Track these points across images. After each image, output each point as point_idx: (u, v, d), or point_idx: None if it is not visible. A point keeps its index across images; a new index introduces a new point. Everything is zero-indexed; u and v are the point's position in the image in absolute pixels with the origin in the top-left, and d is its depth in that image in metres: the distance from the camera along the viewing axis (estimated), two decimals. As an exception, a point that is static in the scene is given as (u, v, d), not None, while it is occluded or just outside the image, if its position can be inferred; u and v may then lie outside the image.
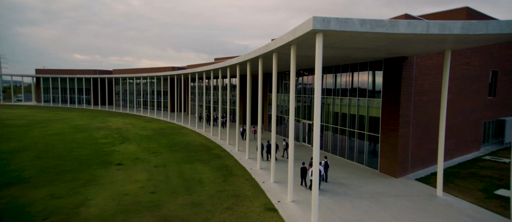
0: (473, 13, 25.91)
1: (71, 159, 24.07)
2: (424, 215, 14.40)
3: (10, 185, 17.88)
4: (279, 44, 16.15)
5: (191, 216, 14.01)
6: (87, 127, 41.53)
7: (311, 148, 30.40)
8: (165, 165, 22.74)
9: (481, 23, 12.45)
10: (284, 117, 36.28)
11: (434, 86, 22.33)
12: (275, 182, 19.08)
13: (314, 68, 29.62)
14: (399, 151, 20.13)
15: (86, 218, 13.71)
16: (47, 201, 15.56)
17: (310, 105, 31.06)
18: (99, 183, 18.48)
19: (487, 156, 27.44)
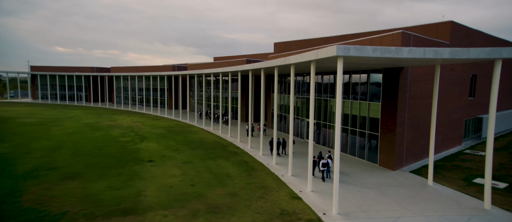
0: (456, 26, 29.63)
1: (104, 156, 26.70)
2: (419, 200, 18.01)
3: (72, 178, 20.54)
4: (299, 60, 19.31)
5: (233, 204, 17.17)
6: (99, 126, 43.76)
7: (314, 144, 33.84)
8: (191, 162, 25.71)
9: (464, 50, 15.93)
10: (287, 115, 39.58)
11: (425, 91, 26.00)
12: (293, 175, 22.40)
13: (318, 72, 32.95)
14: (396, 148, 23.78)
15: (149, 204, 16.67)
16: (110, 191, 18.41)
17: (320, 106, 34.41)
18: (142, 177, 21.36)
19: (468, 150, 31.55)
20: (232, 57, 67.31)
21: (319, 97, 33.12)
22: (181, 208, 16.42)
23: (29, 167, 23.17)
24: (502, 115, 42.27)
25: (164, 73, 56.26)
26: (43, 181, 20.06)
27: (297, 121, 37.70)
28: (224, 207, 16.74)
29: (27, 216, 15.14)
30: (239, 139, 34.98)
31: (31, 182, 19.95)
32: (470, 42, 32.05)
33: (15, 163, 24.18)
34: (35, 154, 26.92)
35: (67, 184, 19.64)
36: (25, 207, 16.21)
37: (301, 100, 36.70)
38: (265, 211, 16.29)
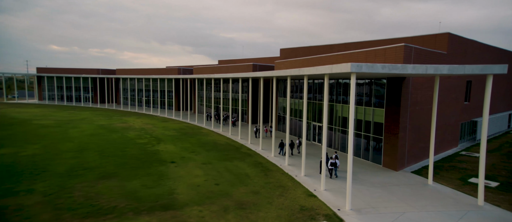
0: (453, 37, 32.03)
1: (129, 157, 28.80)
2: (421, 197, 20.35)
3: (108, 178, 22.63)
4: (314, 72, 21.56)
5: (257, 201, 19.40)
6: (114, 128, 45.76)
7: (321, 146, 36.13)
8: (210, 163, 27.89)
9: (460, 66, 18.24)
10: (296, 119, 41.83)
11: (424, 97, 28.36)
12: (305, 176, 24.67)
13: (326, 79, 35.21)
14: (398, 150, 26.13)
15: (183, 201, 18.85)
16: (145, 190, 20.56)
17: (321, 109, 36.67)
18: (170, 177, 23.51)
19: (463, 152, 34.00)
20: (237, 61, 69.38)
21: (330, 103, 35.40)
22: (212, 205, 18.61)
23: (66, 167, 25.23)
24: (495, 117, 44.85)
25: (173, 76, 58.24)
26: (84, 180, 22.17)
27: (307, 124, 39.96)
28: (250, 203, 18.96)
29: (84, 209, 17.29)
30: (249, 141, 37.21)
31: (74, 180, 22.05)
32: (466, 51, 34.49)
33: (52, 163, 26.24)
34: (65, 155, 28.97)
35: (105, 183, 21.76)
36: (79, 201, 18.35)
37: (311, 104, 38.95)
38: (286, 207, 18.54)
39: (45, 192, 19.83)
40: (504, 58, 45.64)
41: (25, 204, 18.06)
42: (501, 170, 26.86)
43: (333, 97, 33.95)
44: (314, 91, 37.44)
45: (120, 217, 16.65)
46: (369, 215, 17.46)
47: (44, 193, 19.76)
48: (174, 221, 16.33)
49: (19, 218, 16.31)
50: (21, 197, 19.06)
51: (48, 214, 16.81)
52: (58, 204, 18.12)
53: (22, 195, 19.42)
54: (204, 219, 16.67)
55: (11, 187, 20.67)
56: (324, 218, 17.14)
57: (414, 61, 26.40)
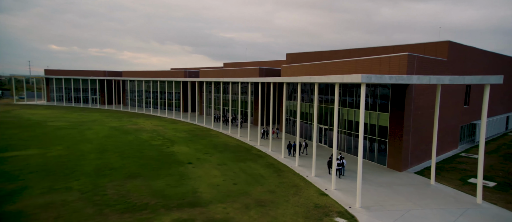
0: (453, 45, 33.80)
1: (148, 158, 30.54)
2: (424, 196, 22.15)
3: (133, 177, 24.37)
4: (325, 81, 23.31)
5: (275, 199, 21.16)
6: (126, 129, 47.48)
7: (326, 147, 37.92)
8: (225, 164, 29.66)
9: (460, 77, 20.04)
10: (302, 121, 43.60)
11: (426, 102, 30.15)
12: (316, 176, 26.45)
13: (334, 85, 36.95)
14: (402, 152, 27.94)
15: (207, 199, 20.61)
16: (170, 188, 22.33)
17: (327, 112, 38.44)
18: (190, 177, 25.27)
19: (463, 153, 35.81)
20: (242, 64, 71.09)
21: (333, 106, 37.18)
22: (234, 202, 20.39)
23: (93, 167, 27.00)
24: (494, 120, 46.69)
25: (181, 79, 59.96)
26: (112, 179, 23.94)
27: (309, 125, 41.76)
28: (268, 201, 20.74)
29: (120, 205, 19.07)
30: (258, 143, 38.99)
31: (103, 179, 23.83)
32: (465, 57, 36.32)
33: (79, 164, 28.00)
34: (89, 157, 30.71)
35: (133, 182, 23.53)
36: (114, 198, 20.13)
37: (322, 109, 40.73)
38: (302, 204, 20.32)
39: (81, 190, 21.60)
40: (501, 62, 47.50)
41: (68, 200, 19.85)
42: (498, 171, 28.67)
43: (339, 100, 35.72)
44: (320, 92, 39.17)
45: (154, 212, 18.42)
46: (377, 212, 19.26)
47: (81, 190, 21.53)
48: (203, 217, 18.10)
49: (68, 212, 18.09)
50: (63, 194, 20.85)
51: (90, 209, 18.59)
52: (96, 200, 19.90)
53: (62, 192, 21.21)
54: (229, 215, 18.44)
55: (52, 185, 22.47)
56: (337, 215, 18.93)
57: (417, 69, 28.20)
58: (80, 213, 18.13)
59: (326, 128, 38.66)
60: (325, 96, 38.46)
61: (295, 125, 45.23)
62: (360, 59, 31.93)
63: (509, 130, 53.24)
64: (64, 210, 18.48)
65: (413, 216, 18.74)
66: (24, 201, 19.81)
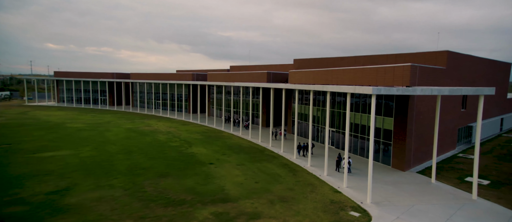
0: (451, 54, 36.62)
1: (172, 159, 33.20)
2: (426, 193, 24.97)
3: (164, 176, 27.03)
4: (337, 90, 26.07)
5: (294, 196, 23.91)
6: (142, 131, 50.07)
7: (334, 148, 40.69)
8: (243, 164, 32.38)
9: (458, 89, 22.86)
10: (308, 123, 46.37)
11: (427, 107, 32.98)
12: (328, 175, 29.25)
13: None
14: (406, 153, 30.78)
15: (235, 196, 23.32)
16: (200, 186, 25.02)
17: (334, 115, 41.22)
18: (215, 176, 27.97)
19: (460, 154, 38.71)
20: (249, 68, 73.63)
21: (339, 110, 40.00)
22: (259, 198, 23.13)
23: (125, 167, 29.67)
24: (489, 122, 49.69)
25: (191, 82, 62.50)
26: (146, 178, 26.63)
27: (315, 127, 44.56)
28: (289, 198, 23.50)
29: (162, 200, 21.81)
30: (270, 144, 41.73)
31: (139, 178, 26.52)
32: (462, 65, 39.19)
33: (112, 164, 30.66)
34: (118, 157, 33.35)
35: (165, 181, 26.22)
36: (154, 194, 22.84)
37: (322, 111, 43.52)
38: (319, 200, 23.10)
39: (123, 187, 24.30)
40: (495, 67, 50.50)
41: (115, 195, 22.57)
42: (492, 170, 31.57)
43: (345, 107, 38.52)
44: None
45: (192, 207, 21.15)
46: (386, 207, 22.08)
47: (123, 187, 24.23)
48: (235, 210, 20.85)
49: (119, 205, 20.82)
50: (109, 190, 23.56)
51: (137, 203, 21.32)
52: (139, 196, 22.61)
53: (108, 189, 23.92)
54: (258, 209, 21.19)
55: (96, 183, 25.18)
56: (351, 209, 21.73)
57: (419, 77, 31.01)
58: (130, 207, 20.85)
59: (334, 130, 41.44)
60: (332, 98, 41.21)
61: (301, 126, 47.99)
62: (366, 67, 34.69)
63: (503, 131, 56.28)
64: (115, 204, 21.20)
65: (417, 210, 21.57)
66: (79, 195, 22.52)
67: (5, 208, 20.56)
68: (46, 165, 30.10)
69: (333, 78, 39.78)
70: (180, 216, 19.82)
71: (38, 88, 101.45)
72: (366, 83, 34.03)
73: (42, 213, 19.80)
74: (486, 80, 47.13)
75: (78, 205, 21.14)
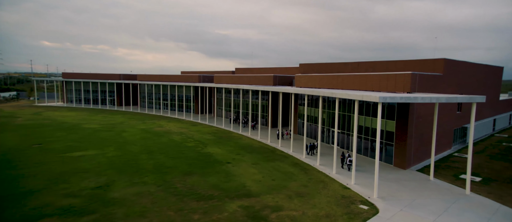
0: (448, 61, 39.70)
1: (192, 159, 36.04)
2: (425, 189, 28.05)
3: (189, 174, 29.89)
4: (345, 97, 29.06)
5: (309, 191, 26.88)
6: (156, 132, 52.82)
7: (338, 148, 43.72)
8: (258, 163, 35.30)
9: (454, 97, 25.92)
10: (315, 125, 49.40)
11: (426, 111, 36.05)
12: (337, 173, 32.28)
13: (343, 93, 42.68)
14: (406, 153, 33.90)
15: (257, 191, 26.24)
16: (224, 183, 27.92)
17: (339, 117, 44.25)
18: (234, 174, 30.88)
19: (456, 153, 41.91)
20: (254, 70, 76.41)
21: (343, 113, 43.03)
22: (278, 194, 26.10)
23: (151, 166, 32.49)
24: (482, 123, 53.00)
25: (204, 85, 65.22)
26: (174, 176, 29.50)
27: (324, 129, 47.60)
28: (305, 193, 26.50)
29: (193, 196, 24.71)
30: (279, 144, 44.70)
31: (167, 176, 29.38)
32: (458, 71, 42.35)
33: (139, 163, 33.46)
34: (142, 157, 36.17)
35: (191, 178, 29.11)
36: (185, 190, 25.76)
37: (327, 113, 46.55)
38: (331, 195, 26.13)
39: (155, 184, 27.19)
40: (488, 72, 53.78)
41: (151, 191, 25.47)
42: (484, 168, 34.78)
43: (349, 110, 41.54)
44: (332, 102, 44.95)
45: (221, 201, 24.09)
46: (390, 201, 25.15)
47: (156, 184, 27.12)
48: (259, 204, 23.81)
49: (157, 199, 23.68)
50: (144, 187, 26.44)
51: (173, 198, 24.23)
52: (172, 191, 25.51)
53: (142, 185, 26.81)
54: (279, 203, 24.17)
55: (130, 180, 28.05)
56: (360, 203, 24.77)
57: (419, 84, 34.08)
58: (167, 200, 23.76)
59: (339, 132, 44.47)
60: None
61: (306, 127, 51.00)
62: (370, 74, 37.70)
63: (496, 131, 59.66)
64: (154, 198, 24.11)
65: (418, 204, 24.65)
66: (120, 191, 25.40)
67: (64, 199, 23.41)
68: (81, 164, 32.90)
69: (338, 83, 42.77)
70: (213, 209, 22.76)
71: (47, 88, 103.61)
72: (369, 89, 37.10)
73: (95, 205, 22.69)
74: (480, 84, 50.38)
75: (122, 199, 24.02)
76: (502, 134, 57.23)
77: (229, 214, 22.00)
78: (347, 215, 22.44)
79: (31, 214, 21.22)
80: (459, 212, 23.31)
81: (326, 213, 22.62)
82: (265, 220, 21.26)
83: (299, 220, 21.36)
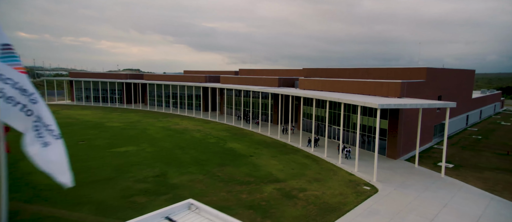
0: (430, 69, 47.80)
1: (219, 153, 42.80)
2: (412, 174, 36.02)
3: (223, 166, 36.76)
4: (349, 102, 36.55)
5: (323, 177, 34.34)
6: (176, 129, 59.17)
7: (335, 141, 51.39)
8: (276, 156, 42.50)
9: (433, 103, 33.78)
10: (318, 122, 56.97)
11: (412, 111, 44.04)
12: (342, 164, 39.93)
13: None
14: (397, 146, 41.88)
15: (282, 178, 33.45)
16: (254, 172, 35.01)
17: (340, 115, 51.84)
18: (260, 165, 37.97)
19: (435, 145, 50.34)
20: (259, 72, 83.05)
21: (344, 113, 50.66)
22: (300, 180, 33.45)
23: (188, 160, 39.18)
24: (457, 119, 61.91)
25: (213, 85, 71.60)
26: (211, 168, 36.34)
27: (323, 125, 55.21)
28: (320, 179, 33.95)
29: (235, 181, 31.68)
30: (289, 139, 52.08)
31: (206, 167, 36.18)
32: (438, 77, 50.62)
33: (177, 157, 40.03)
34: (176, 152, 42.75)
35: (226, 169, 36.06)
36: (227, 177, 32.72)
37: (328, 112, 54.10)
38: (341, 180, 33.69)
39: (200, 173, 34.02)
40: (462, 75, 62.63)
41: (200, 178, 32.31)
42: (456, 157, 43.21)
43: (349, 110, 49.22)
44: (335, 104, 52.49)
45: (258, 185, 31.23)
46: (386, 183, 32.94)
47: (200, 173, 33.96)
48: (288, 187, 31.10)
49: (208, 183, 30.54)
50: (193, 175, 33.22)
51: (220, 183, 31.19)
52: (216, 178, 32.44)
53: (191, 174, 33.59)
54: (302, 186, 31.52)
55: (178, 170, 34.73)
56: (364, 185, 32.44)
57: (407, 90, 41.95)
58: (216, 185, 30.73)
59: (338, 128, 52.16)
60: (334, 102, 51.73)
61: (308, 123, 58.53)
62: (367, 81, 45.39)
63: (469, 125, 68.98)
64: (205, 184, 31.02)
65: (406, 185, 32.54)
66: (176, 178, 32.13)
67: (138, 184, 30.06)
68: (130, 158, 39.30)
69: (339, 87, 50.39)
70: (254, 190, 29.91)
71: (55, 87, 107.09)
72: (367, 93, 44.82)
73: (163, 188, 29.46)
74: (456, 86, 59.08)
75: (180, 184, 30.82)
76: (473, 128, 66.58)
77: (268, 194, 29.21)
78: (355, 193, 30.06)
79: (123, 194, 27.82)
80: (435, 190, 31.31)
81: (340, 192, 30.18)
82: (296, 198, 28.61)
83: (321, 198, 28.82)
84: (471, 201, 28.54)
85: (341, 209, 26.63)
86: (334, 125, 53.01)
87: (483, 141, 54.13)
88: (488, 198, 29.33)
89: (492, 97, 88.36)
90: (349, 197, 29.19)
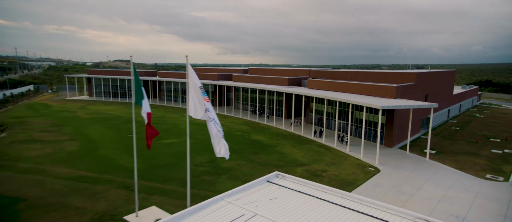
0: (419, 74, 57.93)
1: (248, 143, 52.04)
2: (404, 159, 46.26)
3: (257, 153, 46.11)
4: (356, 103, 46.39)
5: (337, 162, 44.18)
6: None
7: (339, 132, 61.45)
8: (295, 146, 52.10)
9: (422, 103, 43.89)
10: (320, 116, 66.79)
11: (404, 109, 54.21)
12: (350, 151, 49.92)
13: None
14: (392, 137, 52.13)
15: (306, 162, 43.08)
16: (283, 158, 44.51)
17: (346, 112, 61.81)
18: (285, 153, 47.51)
19: (422, 136, 60.89)
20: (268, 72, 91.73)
21: (346, 109, 60.61)
22: (320, 164, 43.21)
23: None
24: (440, 113, 72.80)
25: (229, 83, 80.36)
26: (248, 155, 45.61)
27: (328, 119, 65.14)
28: (335, 163, 43.81)
29: (271, 165, 41.16)
30: (302, 132, 61.78)
31: (243, 155, 45.39)
32: (425, 79, 60.98)
33: (216, 148, 49.14)
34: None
35: (260, 156, 45.46)
36: (263, 162, 42.19)
37: (333, 108, 63.95)
38: (351, 164, 43.65)
39: (241, 159, 43.33)
40: (445, 75, 73.40)
41: (242, 164, 41.61)
42: (438, 145, 53.80)
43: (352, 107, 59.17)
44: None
45: (290, 167, 40.82)
46: (385, 166, 43.09)
47: (241, 159, 43.25)
48: (313, 169, 40.83)
49: (251, 167, 39.91)
50: (235, 161, 42.46)
51: (260, 167, 40.63)
52: (256, 162, 41.85)
53: (234, 160, 42.83)
54: (323, 168, 41.30)
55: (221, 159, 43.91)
56: (369, 167, 42.49)
57: (401, 92, 51.99)
58: (257, 168, 40.16)
59: (344, 123, 62.22)
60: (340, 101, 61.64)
61: (316, 117, 68.41)
62: (367, 84, 55.24)
63: (450, 118, 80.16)
64: (249, 167, 40.42)
65: (400, 167, 42.77)
66: (225, 163, 41.30)
67: (198, 168, 39.24)
68: (178, 148, 48.25)
69: (343, 89, 60.17)
70: (289, 172, 39.43)
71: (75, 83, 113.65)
72: (367, 94, 54.76)
73: (219, 170, 38.73)
74: (439, 85, 69.71)
75: (230, 168, 40.14)
76: (453, 120, 77.79)
77: (299, 174, 38.90)
78: (363, 173, 40.12)
79: (192, 174, 36.95)
80: (422, 170, 41.63)
81: (352, 172, 40.17)
82: (321, 176, 38.43)
83: (339, 176, 38.73)
84: (446, 176, 38.96)
85: (355, 183, 36.61)
86: (339, 120, 62.97)
87: (460, 132, 65.15)
88: (457, 174, 39.88)
89: (470, 92, 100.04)
90: (360, 175, 39.20)
